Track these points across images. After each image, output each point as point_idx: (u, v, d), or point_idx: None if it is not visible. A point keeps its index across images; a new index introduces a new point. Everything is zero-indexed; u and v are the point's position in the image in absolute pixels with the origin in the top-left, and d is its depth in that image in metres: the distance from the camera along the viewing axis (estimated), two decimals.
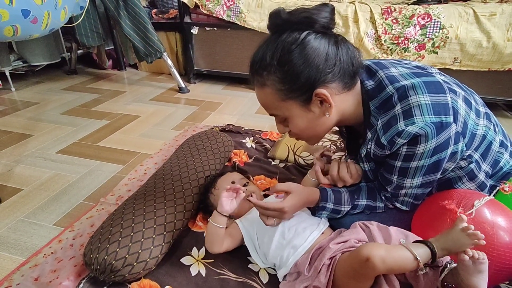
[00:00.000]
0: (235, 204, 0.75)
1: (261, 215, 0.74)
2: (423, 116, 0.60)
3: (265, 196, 0.91)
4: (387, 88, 0.66)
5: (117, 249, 0.72)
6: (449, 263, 0.59)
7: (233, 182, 0.88)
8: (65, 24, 1.69)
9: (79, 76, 2.51)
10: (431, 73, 0.69)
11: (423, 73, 0.68)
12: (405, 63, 0.73)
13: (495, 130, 0.72)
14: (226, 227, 0.78)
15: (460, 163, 0.68)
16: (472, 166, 0.69)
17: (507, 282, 0.69)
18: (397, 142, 0.62)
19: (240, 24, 2.01)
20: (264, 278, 0.76)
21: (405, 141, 0.61)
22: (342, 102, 0.68)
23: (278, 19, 0.63)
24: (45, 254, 0.82)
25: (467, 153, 0.67)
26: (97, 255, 0.72)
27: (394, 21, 1.75)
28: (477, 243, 0.54)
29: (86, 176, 1.20)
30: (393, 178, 0.69)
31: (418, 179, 0.67)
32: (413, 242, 0.61)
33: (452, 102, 0.62)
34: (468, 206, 0.67)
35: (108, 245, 0.73)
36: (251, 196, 0.77)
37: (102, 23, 2.40)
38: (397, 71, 0.68)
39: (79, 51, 2.55)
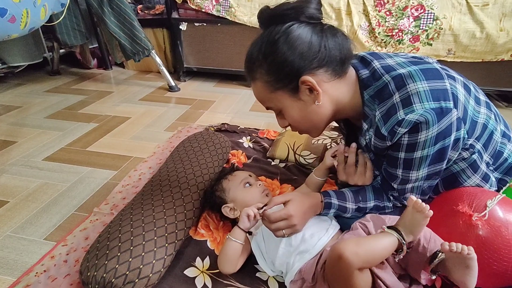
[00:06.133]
0: (255, 222, 0.73)
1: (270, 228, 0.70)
2: (422, 103, 0.58)
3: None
4: (383, 77, 0.64)
5: (117, 266, 0.68)
6: (439, 252, 0.58)
7: (250, 175, 0.89)
8: (45, 23, 1.59)
9: (63, 76, 2.40)
10: (429, 62, 0.68)
11: (420, 61, 0.67)
12: (402, 55, 0.72)
13: (496, 120, 0.71)
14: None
15: (463, 154, 0.67)
16: (475, 156, 0.68)
17: None
18: (397, 131, 0.61)
19: (230, 19, 1.95)
20: (274, 286, 0.73)
21: (406, 129, 0.60)
22: (334, 90, 0.66)
23: (263, 16, 0.65)
24: (37, 273, 0.77)
25: (469, 142, 0.66)
26: (95, 273, 0.67)
27: (388, 13, 1.72)
28: (428, 214, 0.57)
29: (76, 184, 1.14)
30: (398, 172, 0.67)
31: (423, 170, 0.65)
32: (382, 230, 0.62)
33: (451, 88, 0.61)
34: (480, 207, 0.65)
35: (106, 262, 0.68)
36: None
37: (85, 20, 2.29)
38: (393, 61, 0.67)
39: (61, 51, 2.44)
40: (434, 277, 0.60)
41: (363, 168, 0.76)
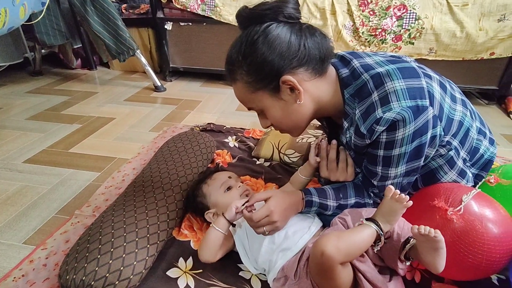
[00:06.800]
0: (240, 215, 0.73)
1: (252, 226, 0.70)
2: (399, 102, 0.60)
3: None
4: (362, 76, 0.66)
5: (96, 268, 0.67)
6: (411, 238, 0.60)
7: (229, 177, 0.88)
8: (24, 22, 1.55)
9: (45, 77, 2.35)
10: (406, 60, 0.70)
11: (398, 60, 0.68)
12: (380, 53, 0.74)
13: (471, 117, 0.73)
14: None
15: (440, 151, 0.69)
16: (452, 153, 0.69)
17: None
18: (376, 129, 0.62)
19: (215, 19, 1.94)
20: (256, 285, 0.73)
21: (384, 128, 0.61)
22: (315, 89, 0.67)
23: (241, 16, 0.65)
24: (15, 278, 0.75)
25: (446, 139, 0.67)
26: (74, 276, 0.66)
27: (371, 12, 1.75)
28: (406, 205, 0.58)
29: (58, 187, 1.12)
30: (377, 169, 0.69)
31: (402, 167, 0.67)
32: (361, 223, 0.62)
33: (427, 86, 0.62)
34: (456, 202, 0.66)
35: (86, 264, 0.67)
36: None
37: (66, 20, 2.24)
38: (372, 60, 0.68)
39: (43, 51, 2.38)
40: (408, 263, 0.62)
41: (344, 164, 0.77)
